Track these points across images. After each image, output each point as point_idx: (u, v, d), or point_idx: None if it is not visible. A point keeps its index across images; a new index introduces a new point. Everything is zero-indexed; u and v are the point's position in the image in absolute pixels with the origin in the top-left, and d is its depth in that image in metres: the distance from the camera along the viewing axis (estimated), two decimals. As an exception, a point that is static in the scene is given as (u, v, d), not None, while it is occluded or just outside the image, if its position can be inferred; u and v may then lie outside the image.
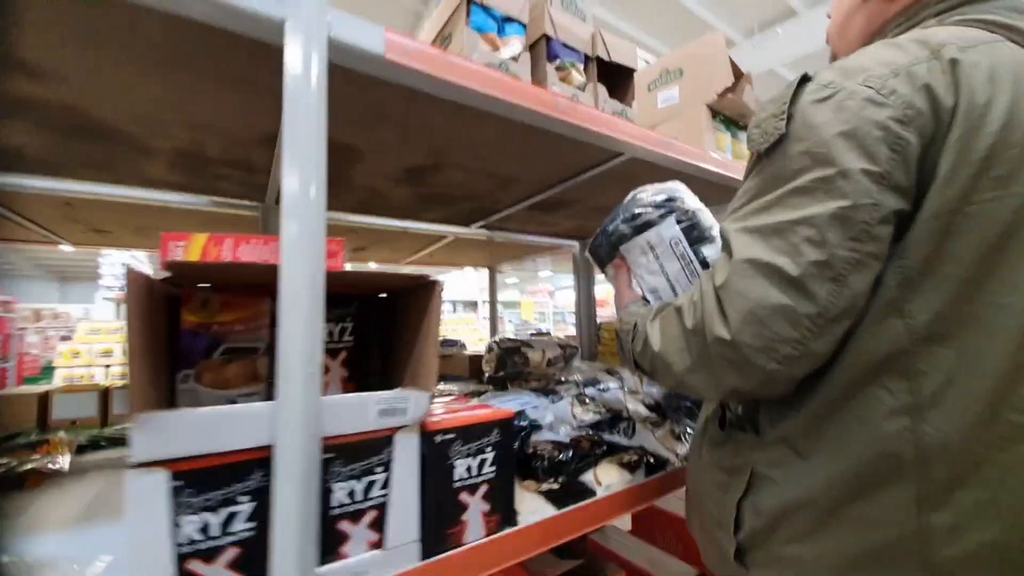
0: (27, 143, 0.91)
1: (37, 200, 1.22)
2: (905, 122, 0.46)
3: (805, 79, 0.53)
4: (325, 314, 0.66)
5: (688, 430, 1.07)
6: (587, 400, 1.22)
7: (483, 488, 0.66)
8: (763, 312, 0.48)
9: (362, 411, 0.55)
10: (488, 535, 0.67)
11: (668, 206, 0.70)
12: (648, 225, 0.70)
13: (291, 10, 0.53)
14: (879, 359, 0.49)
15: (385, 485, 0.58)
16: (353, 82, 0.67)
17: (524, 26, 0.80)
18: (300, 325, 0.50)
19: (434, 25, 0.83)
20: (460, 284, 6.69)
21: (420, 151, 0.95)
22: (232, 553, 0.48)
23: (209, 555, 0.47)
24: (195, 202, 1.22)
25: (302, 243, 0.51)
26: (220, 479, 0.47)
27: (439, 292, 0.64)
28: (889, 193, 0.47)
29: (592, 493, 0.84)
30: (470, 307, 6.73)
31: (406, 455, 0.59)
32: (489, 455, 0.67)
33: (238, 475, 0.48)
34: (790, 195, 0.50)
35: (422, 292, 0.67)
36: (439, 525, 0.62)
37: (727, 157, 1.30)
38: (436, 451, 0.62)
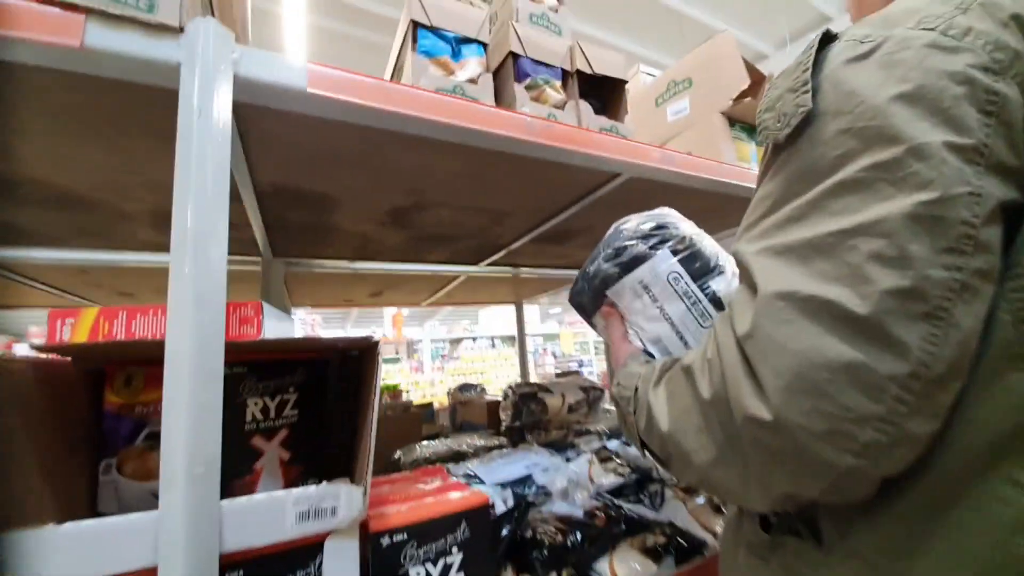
0: (19, 218, 0.93)
1: (55, 270, 1.27)
2: (996, 71, 0.31)
3: (828, 38, 0.38)
4: (257, 386, 0.58)
5: (732, 496, 0.87)
6: (610, 457, 1.05)
7: None
8: (820, 375, 0.31)
9: (275, 516, 0.44)
10: (457, 664, 0.53)
11: (659, 234, 0.57)
12: (637, 261, 0.57)
13: (185, 52, 0.47)
14: (1001, 437, 0.32)
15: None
16: (289, 123, 0.61)
17: (484, 46, 0.72)
18: (184, 411, 0.40)
19: (391, 59, 0.77)
20: (498, 319, 6.59)
21: (395, 191, 0.88)
22: None
23: None
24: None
25: (185, 311, 0.42)
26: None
27: (376, 357, 0.53)
28: (991, 176, 0.31)
29: (605, 591, 0.67)
30: (509, 342, 6.58)
31: (341, 566, 0.47)
32: (455, 558, 0.54)
33: (111, 611, 0.38)
34: (834, 194, 0.34)
35: (367, 355, 0.56)
36: None
37: (750, 168, 1.14)
38: (383, 558, 0.50)
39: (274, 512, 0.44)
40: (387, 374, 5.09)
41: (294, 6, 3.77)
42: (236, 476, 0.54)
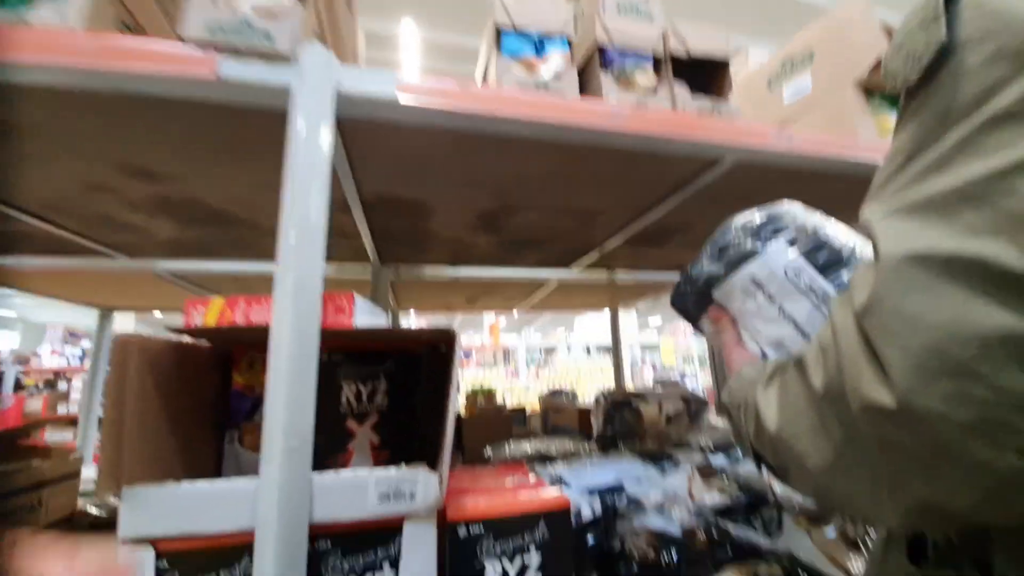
0: (176, 233, 1.13)
1: (214, 279, 1.54)
2: None
3: None
4: (352, 372, 0.62)
5: (872, 532, 0.72)
6: (715, 474, 0.95)
7: None
8: (967, 351, 0.24)
9: (359, 493, 0.47)
10: (535, 671, 0.50)
11: (773, 225, 0.50)
12: (746, 256, 0.50)
13: (294, 74, 0.53)
14: None
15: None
16: (386, 133, 0.66)
17: (568, 41, 0.71)
18: (283, 389, 0.45)
19: (479, 65, 0.79)
20: (594, 328, 6.44)
21: (484, 195, 0.90)
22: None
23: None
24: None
25: (286, 300, 0.47)
26: (204, 565, 0.43)
27: (457, 348, 0.54)
28: None
29: (704, 623, 0.60)
30: (604, 352, 6.37)
31: (418, 551, 0.48)
32: (533, 558, 0.52)
33: (224, 562, 0.44)
34: (983, 130, 0.27)
35: (449, 348, 0.58)
36: None
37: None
38: (459, 548, 0.50)
39: (358, 489, 0.47)
40: (484, 378, 5.28)
41: (408, 26, 4.15)
42: (330, 454, 0.59)
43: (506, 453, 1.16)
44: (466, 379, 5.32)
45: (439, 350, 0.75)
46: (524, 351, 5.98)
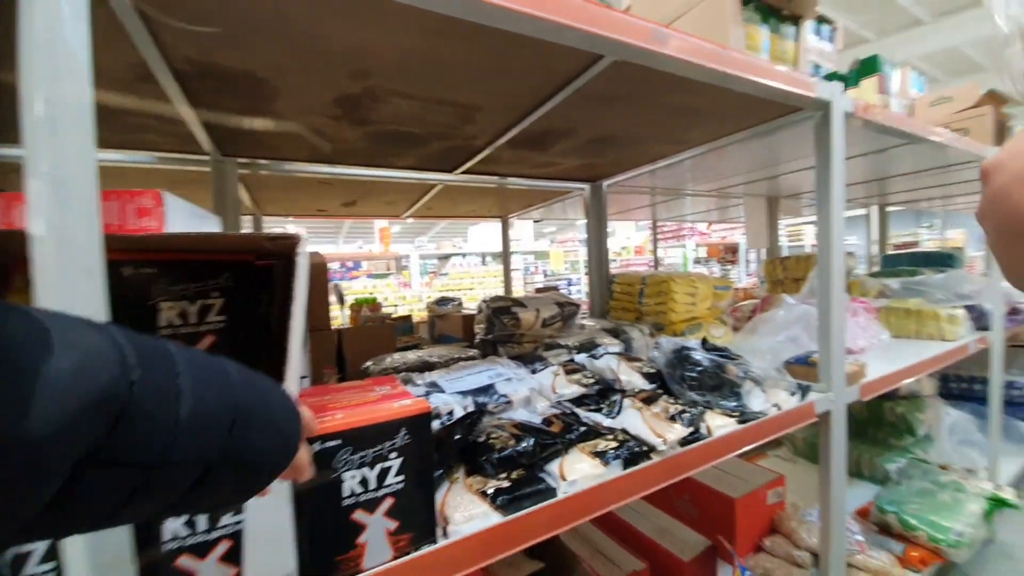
0: None
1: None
2: None
3: None
4: (171, 289, 0.53)
5: (690, 409, 0.88)
6: (578, 370, 1.05)
7: (387, 503, 0.53)
8: None
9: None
10: (397, 557, 0.54)
11: None
12: None
13: None
14: None
15: (241, 509, 0.46)
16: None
17: None
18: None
19: None
20: (489, 236, 6.49)
21: (339, 76, 0.76)
22: None
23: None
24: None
25: (43, 196, 0.35)
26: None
27: (300, 255, 0.47)
28: None
29: (552, 492, 0.69)
30: (499, 259, 6.56)
31: (265, 471, 0.45)
32: (394, 462, 0.53)
33: None
34: None
35: (290, 255, 0.51)
36: (324, 553, 0.50)
37: (762, 58, 0.99)
38: (314, 463, 0.48)
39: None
40: (375, 288, 5.12)
41: None
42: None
43: (387, 364, 1.16)
44: (355, 290, 5.11)
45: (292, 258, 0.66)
46: (417, 260, 5.84)
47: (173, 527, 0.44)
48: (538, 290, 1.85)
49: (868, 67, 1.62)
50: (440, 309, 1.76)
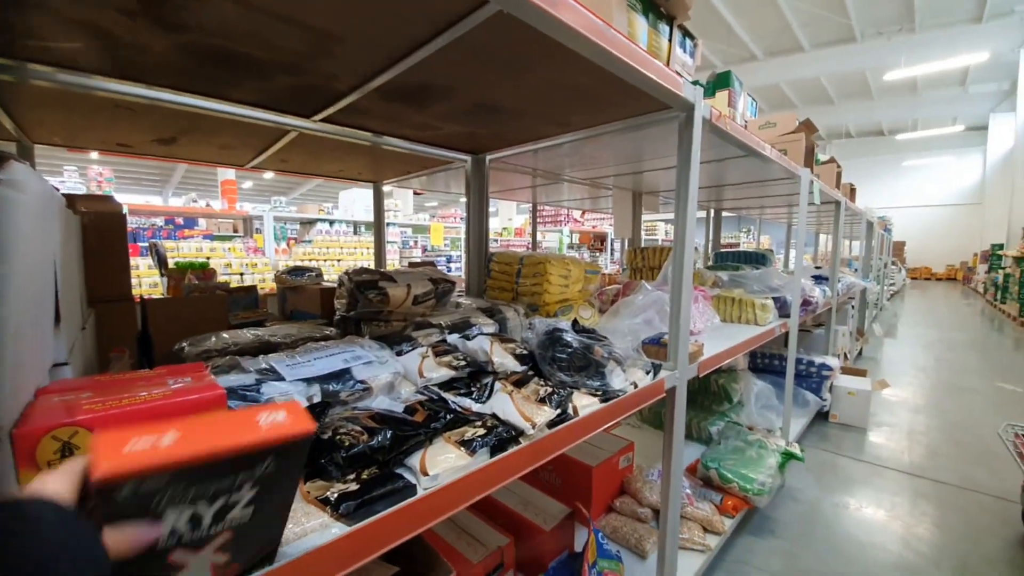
0: None
1: None
2: None
3: None
4: None
5: (559, 391, 0.87)
6: (450, 351, 0.97)
7: (221, 538, 0.38)
8: None
9: None
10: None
11: None
12: None
13: None
14: None
15: None
16: None
17: None
18: None
19: None
20: (365, 201, 5.95)
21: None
22: None
23: None
24: None
25: None
26: None
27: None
28: None
29: (411, 490, 0.60)
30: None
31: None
32: (246, 494, 0.38)
33: None
34: None
35: None
36: None
37: (640, 47, 1.01)
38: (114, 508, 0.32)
39: None
40: (214, 252, 4.31)
41: None
42: None
43: (211, 345, 0.93)
44: (185, 252, 4.24)
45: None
46: (271, 222, 5.07)
47: None
48: (412, 264, 1.71)
49: (722, 81, 1.81)
50: (292, 280, 1.51)
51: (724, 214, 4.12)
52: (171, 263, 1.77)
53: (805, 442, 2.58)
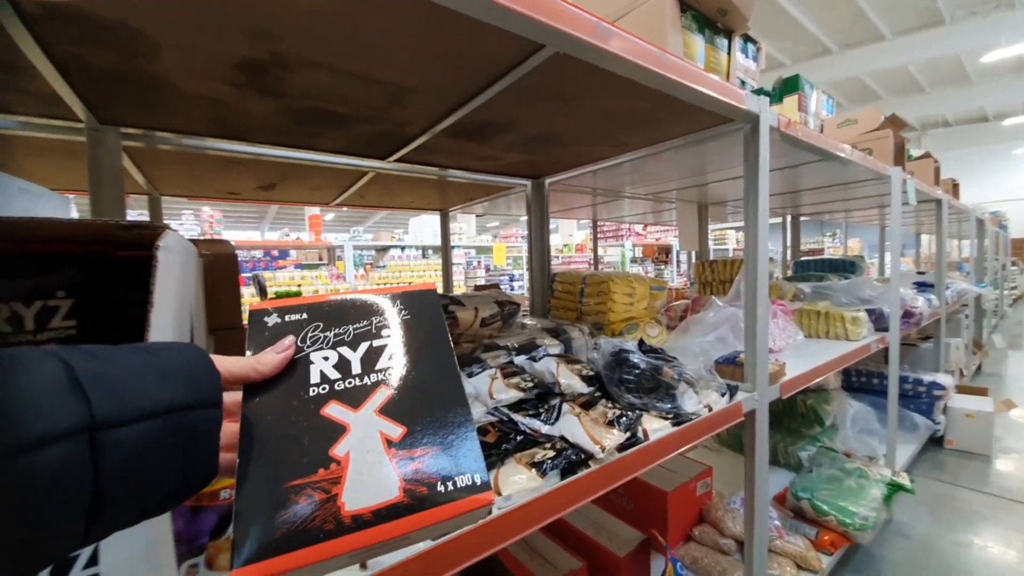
0: None
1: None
2: None
3: None
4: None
5: (628, 413, 0.86)
6: (517, 372, 1.01)
7: (382, 393, 0.39)
8: None
9: None
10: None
11: None
12: None
13: None
14: None
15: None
16: None
17: None
18: None
19: None
20: (431, 229, 6.29)
21: (233, 34, 0.64)
22: None
23: None
24: None
25: None
26: None
27: (162, 249, 0.38)
28: None
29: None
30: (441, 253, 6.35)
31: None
32: (387, 340, 0.40)
33: None
34: None
35: (146, 248, 0.40)
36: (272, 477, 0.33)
37: (698, 67, 1.00)
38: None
39: None
40: (304, 280, 4.77)
41: None
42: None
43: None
44: (280, 281, 4.72)
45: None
46: (351, 251, 5.52)
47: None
48: (478, 287, 1.78)
49: (790, 86, 1.72)
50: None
51: (803, 219, 3.82)
52: (270, 292, 1.98)
53: (915, 471, 2.28)
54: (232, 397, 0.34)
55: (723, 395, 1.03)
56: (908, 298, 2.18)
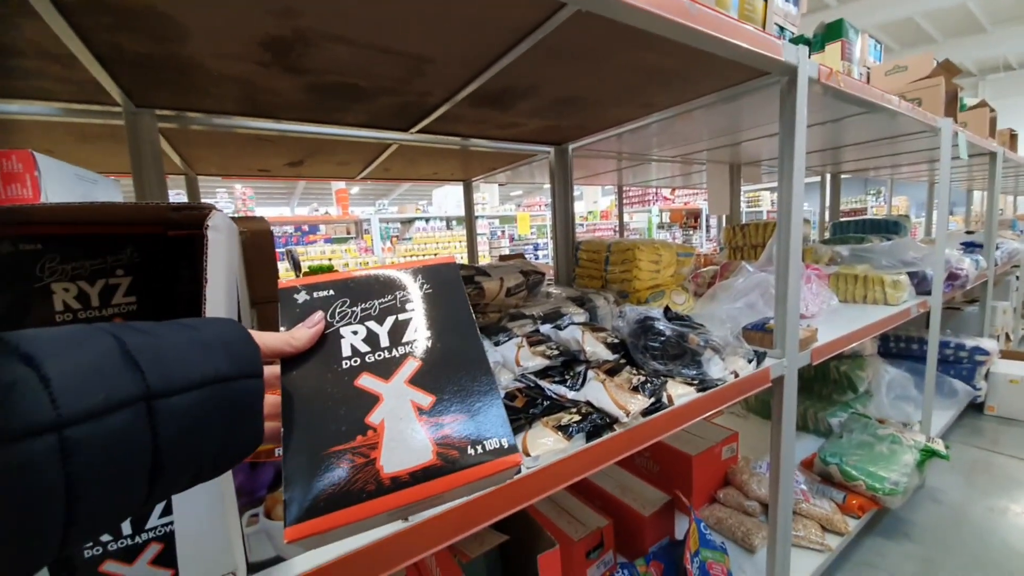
0: None
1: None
2: None
3: None
4: (65, 268, 0.44)
5: (652, 380, 0.88)
6: (542, 341, 1.03)
7: (410, 365, 0.41)
8: None
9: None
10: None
11: None
12: None
13: None
14: None
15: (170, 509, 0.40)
16: None
17: None
18: None
19: None
20: (454, 199, 6.29)
21: (257, 12, 0.65)
22: None
23: None
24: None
25: None
26: None
27: (211, 228, 0.40)
28: None
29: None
30: (465, 223, 6.36)
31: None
32: (411, 314, 0.42)
33: None
34: None
35: (197, 228, 0.43)
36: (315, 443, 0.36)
37: (730, 16, 0.94)
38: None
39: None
40: (334, 254, 4.90)
41: None
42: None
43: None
44: (311, 255, 4.87)
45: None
46: (378, 224, 5.61)
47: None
48: (503, 257, 1.79)
49: (833, 32, 1.60)
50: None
51: (843, 176, 3.61)
52: (304, 267, 2.05)
53: (952, 437, 2.22)
54: (271, 370, 0.36)
55: (750, 361, 1.03)
56: (954, 260, 2.07)
